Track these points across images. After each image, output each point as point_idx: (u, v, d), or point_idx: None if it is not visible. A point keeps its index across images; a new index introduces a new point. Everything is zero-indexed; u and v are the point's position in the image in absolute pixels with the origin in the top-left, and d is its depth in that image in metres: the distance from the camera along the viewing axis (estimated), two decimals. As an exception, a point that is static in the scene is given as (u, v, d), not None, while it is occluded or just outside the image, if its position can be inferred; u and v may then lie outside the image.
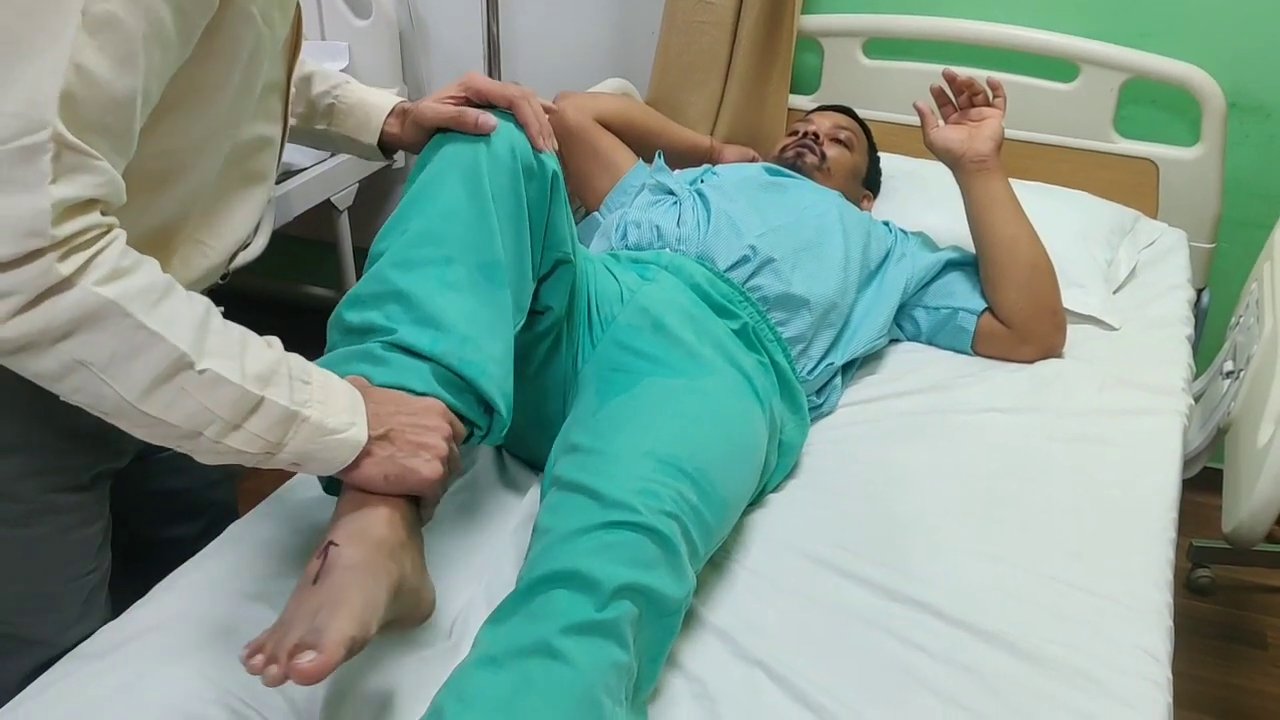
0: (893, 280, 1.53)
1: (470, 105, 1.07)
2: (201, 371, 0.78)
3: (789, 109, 2.05)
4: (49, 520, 0.98)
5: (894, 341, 1.57)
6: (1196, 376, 1.63)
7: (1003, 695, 0.95)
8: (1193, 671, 1.75)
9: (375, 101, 1.16)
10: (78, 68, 0.71)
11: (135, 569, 1.14)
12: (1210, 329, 1.93)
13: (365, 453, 0.88)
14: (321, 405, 0.85)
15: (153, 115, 0.81)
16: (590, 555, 0.91)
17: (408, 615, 0.91)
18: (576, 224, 1.25)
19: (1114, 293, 1.69)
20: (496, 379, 1.00)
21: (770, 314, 1.37)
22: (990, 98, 1.55)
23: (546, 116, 1.09)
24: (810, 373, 1.39)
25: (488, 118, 1.04)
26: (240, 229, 1.01)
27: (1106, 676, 0.98)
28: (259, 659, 0.77)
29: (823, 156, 1.69)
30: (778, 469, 1.25)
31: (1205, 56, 1.81)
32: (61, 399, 0.78)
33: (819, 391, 1.42)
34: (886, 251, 1.56)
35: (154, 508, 1.20)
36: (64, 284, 0.72)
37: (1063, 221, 1.69)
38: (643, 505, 0.95)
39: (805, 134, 1.72)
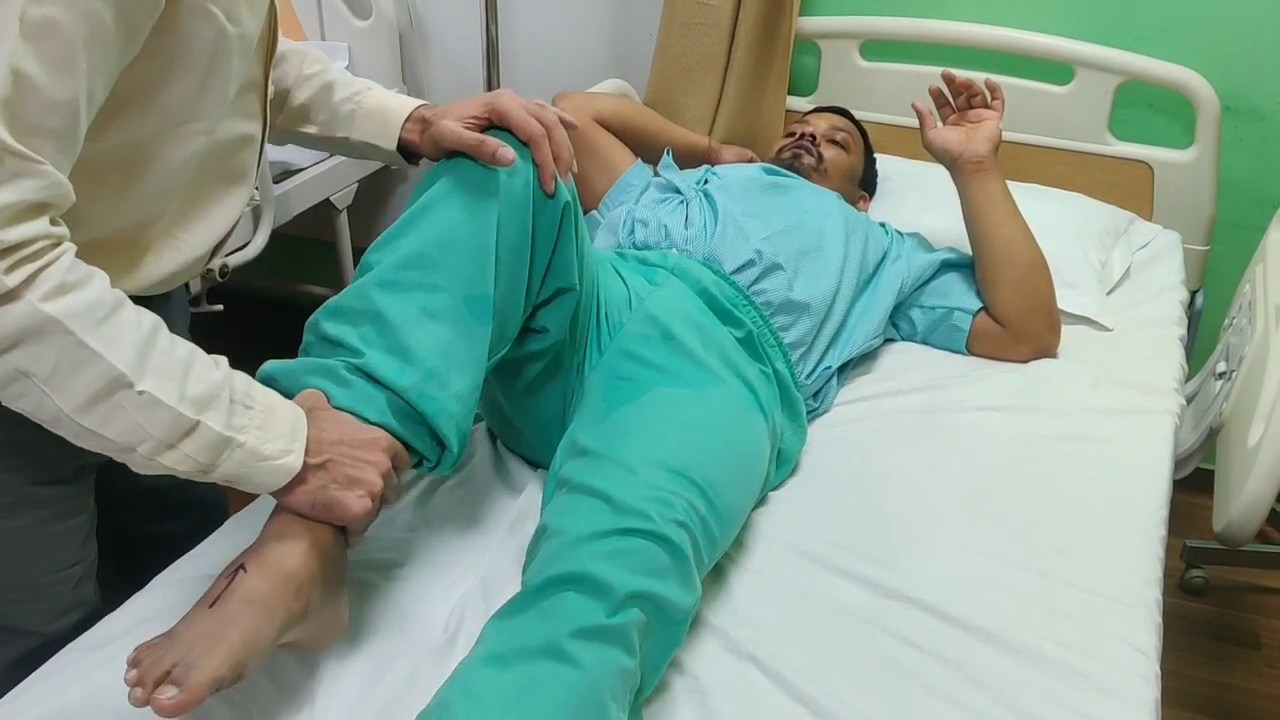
0: (888, 281, 1.54)
1: (493, 127, 1.06)
2: (140, 392, 0.79)
3: (786, 110, 2.06)
4: (30, 513, 0.99)
5: (889, 341, 1.58)
6: (1191, 377, 1.64)
7: (993, 689, 0.96)
8: (1186, 671, 1.76)
9: (394, 106, 1.15)
10: (16, 73, 0.72)
11: (127, 565, 1.15)
12: (1205, 330, 1.95)
13: (299, 479, 0.89)
14: (260, 431, 0.86)
15: (105, 111, 0.81)
16: (603, 560, 0.91)
17: (308, 640, 0.91)
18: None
19: (1108, 294, 1.70)
20: (455, 416, 0.99)
21: (773, 319, 1.38)
22: (988, 99, 1.56)
23: (569, 150, 1.06)
24: (809, 378, 1.40)
25: (506, 151, 1.01)
26: (218, 227, 1.02)
27: (1096, 671, 0.99)
28: (134, 674, 0.78)
29: (819, 158, 1.70)
30: (775, 477, 1.25)
31: (1199, 60, 1.83)
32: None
33: (815, 395, 1.42)
34: (883, 253, 1.57)
35: (142, 505, 1.21)
36: (9, 296, 0.74)
37: (1058, 223, 1.70)
38: (656, 514, 0.96)
39: (802, 135, 1.73)
